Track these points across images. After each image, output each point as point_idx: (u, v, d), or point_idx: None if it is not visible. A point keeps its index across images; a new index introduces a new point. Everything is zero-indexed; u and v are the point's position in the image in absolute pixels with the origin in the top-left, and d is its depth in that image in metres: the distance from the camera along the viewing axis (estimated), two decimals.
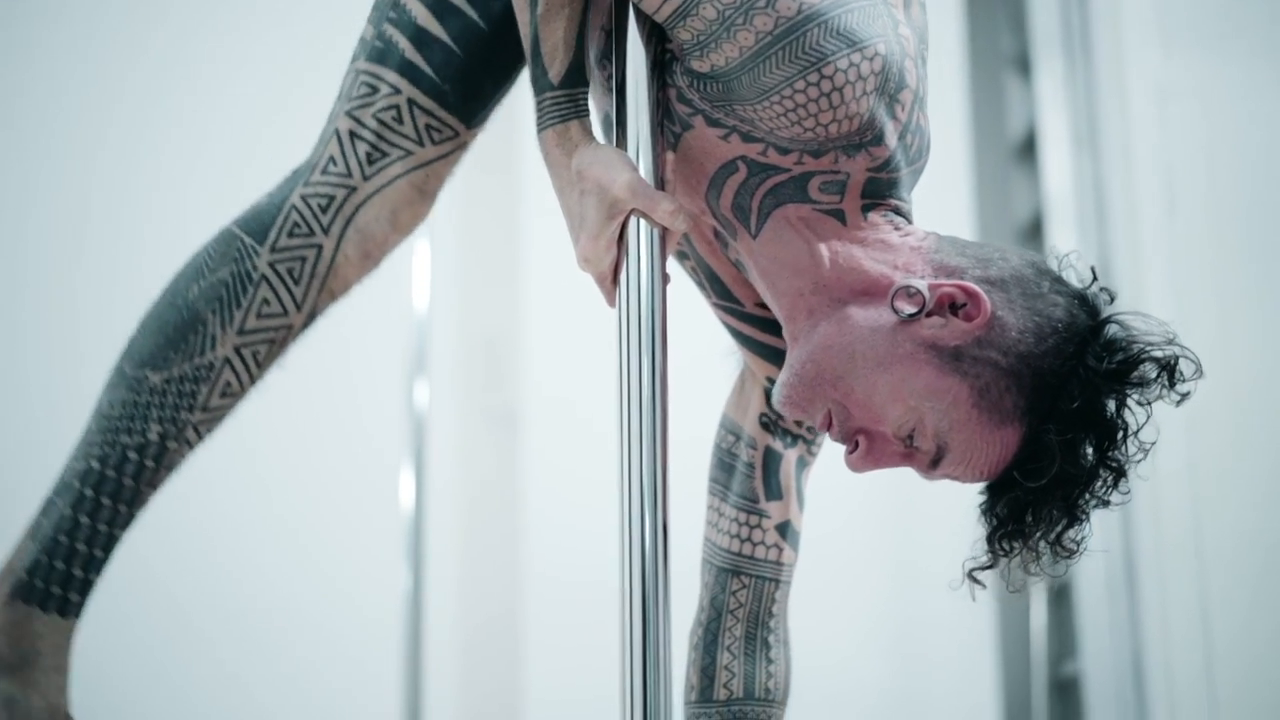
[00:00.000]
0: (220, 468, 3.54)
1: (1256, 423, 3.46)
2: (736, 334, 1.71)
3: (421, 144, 1.52)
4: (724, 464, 1.72)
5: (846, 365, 1.47)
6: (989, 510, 1.50)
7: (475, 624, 4.01)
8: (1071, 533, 1.50)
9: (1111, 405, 1.45)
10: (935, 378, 1.45)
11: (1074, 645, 3.91)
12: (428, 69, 1.53)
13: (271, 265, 1.48)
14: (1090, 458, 1.45)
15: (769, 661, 1.72)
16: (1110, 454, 1.45)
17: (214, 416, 1.47)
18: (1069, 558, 1.51)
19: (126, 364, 1.47)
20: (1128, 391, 1.46)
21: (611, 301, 1.46)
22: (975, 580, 1.52)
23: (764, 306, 1.67)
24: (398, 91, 1.53)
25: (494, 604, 4.03)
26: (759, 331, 1.68)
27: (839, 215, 1.48)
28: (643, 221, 1.42)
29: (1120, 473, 1.47)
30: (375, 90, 1.53)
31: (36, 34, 3.98)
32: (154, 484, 1.46)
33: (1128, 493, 1.49)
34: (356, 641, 3.90)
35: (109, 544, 1.45)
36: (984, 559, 1.51)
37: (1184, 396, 1.47)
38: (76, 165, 3.99)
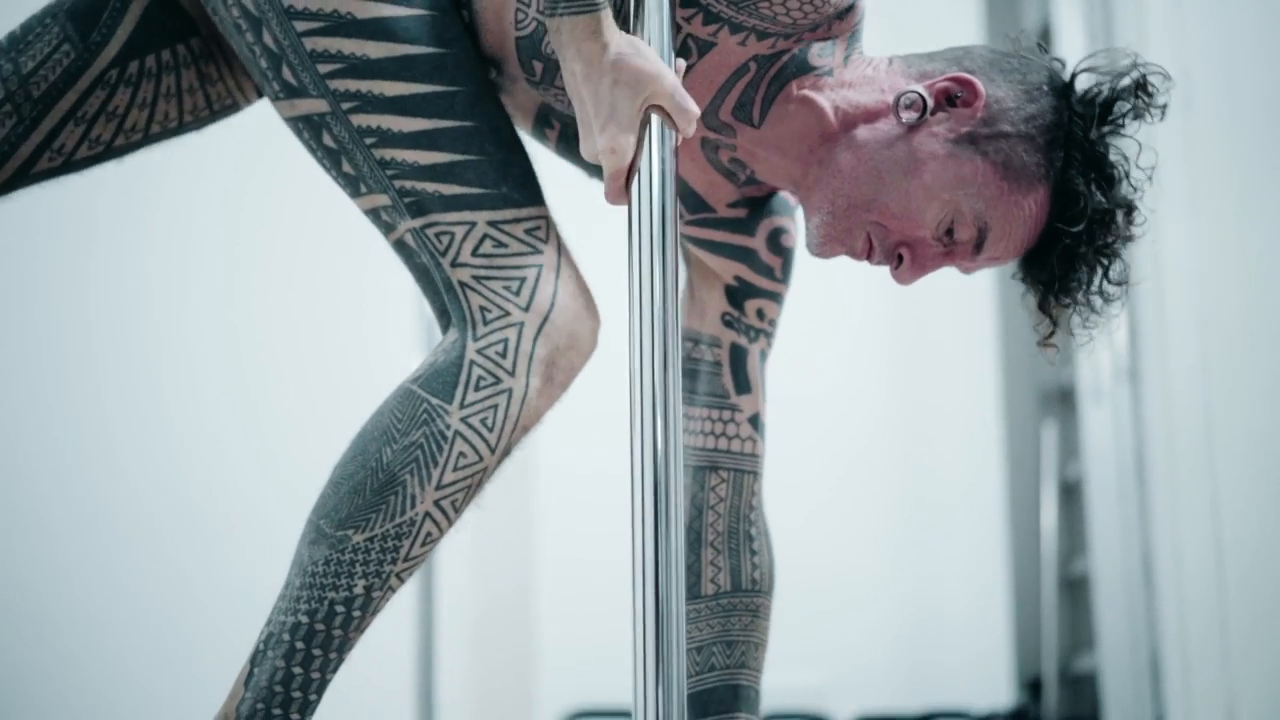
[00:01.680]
0: (230, 395, 3.58)
1: (1269, 319, 3.48)
2: (706, 244, 1.78)
3: (536, 250, 1.54)
4: (686, 371, 1.77)
5: (875, 185, 1.59)
6: (1035, 278, 1.66)
7: (488, 542, 4.06)
8: (1117, 270, 1.66)
9: (1112, 139, 1.62)
10: (960, 166, 1.58)
11: (1084, 544, 3.95)
12: (474, 189, 1.54)
13: (464, 420, 1.52)
14: (1111, 192, 1.61)
15: (753, 553, 1.78)
16: (1126, 181, 1.62)
17: (416, 562, 1.54)
18: (1121, 292, 1.68)
19: (325, 523, 1.51)
20: (1120, 120, 1.62)
21: (619, 198, 1.48)
22: (1050, 345, 1.70)
23: (735, 206, 1.75)
24: (473, 225, 1.54)
25: (506, 516, 4.07)
26: (730, 234, 1.78)
27: (831, 72, 1.62)
28: (654, 126, 1.45)
29: (1132, 206, 1.64)
30: (452, 236, 1.54)
31: None
32: (361, 629, 1.54)
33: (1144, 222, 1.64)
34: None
35: (321, 687, 1.53)
36: (1046, 326, 1.68)
37: (1164, 109, 1.63)
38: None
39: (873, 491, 4.05)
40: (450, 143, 1.54)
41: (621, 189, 1.48)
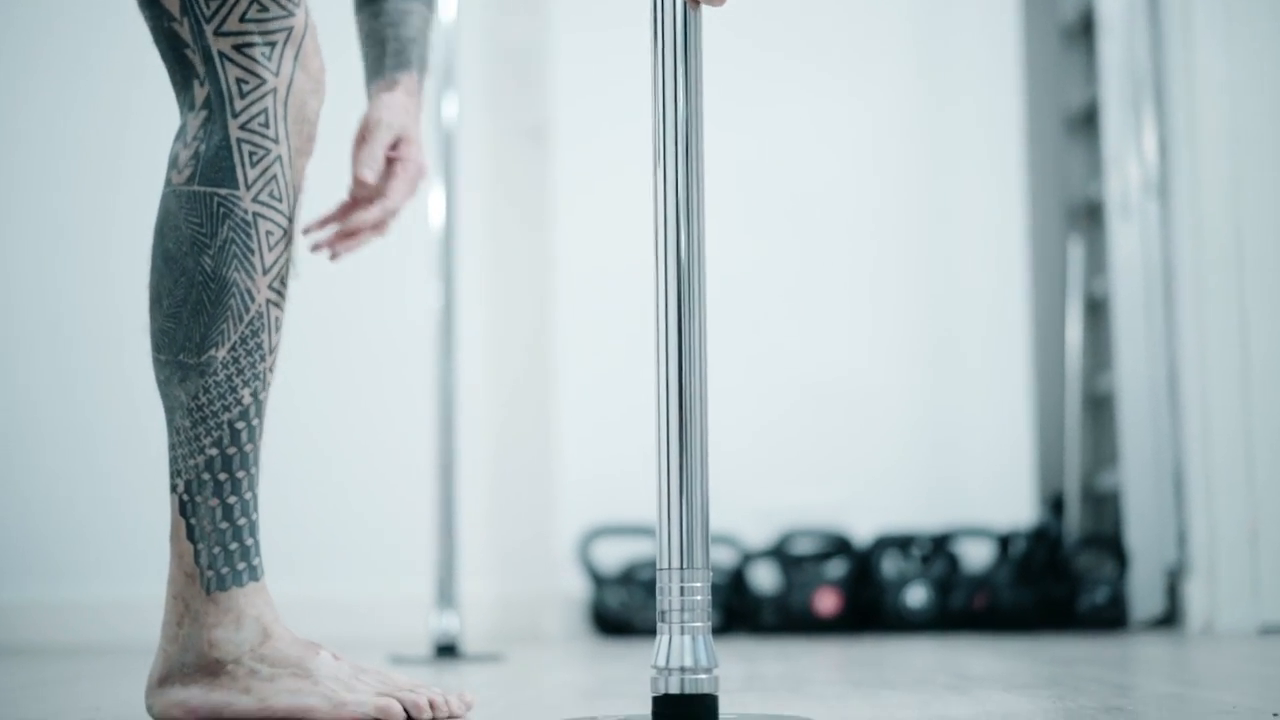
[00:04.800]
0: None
1: None
2: None
3: (290, 13, 1.60)
4: None
5: None
6: None
7: (507, 338, 4.10)
8: None
9: None
10: None
11: (1109, 360, 3.98)
12: None
13: (255, 199, 1.57)
14: None
15: None
16: None
17: (278, 348, 1.60)
18: None
19: (185, 355, 1.56)
20: None
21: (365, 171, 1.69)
22: None
23: None
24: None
25: (526, 319, 4.11)
26: None
27: None
28: None
29: None
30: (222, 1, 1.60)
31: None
32: (262, 432, 1.59)
33: None
34: (389, 358, 4.01)
35: (256, 503, 1.58)
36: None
37: None
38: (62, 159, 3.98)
39: (894, 307, 4.07)
40: None
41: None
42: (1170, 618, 3.73)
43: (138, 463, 3.83)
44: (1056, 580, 3.78)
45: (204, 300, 1.55)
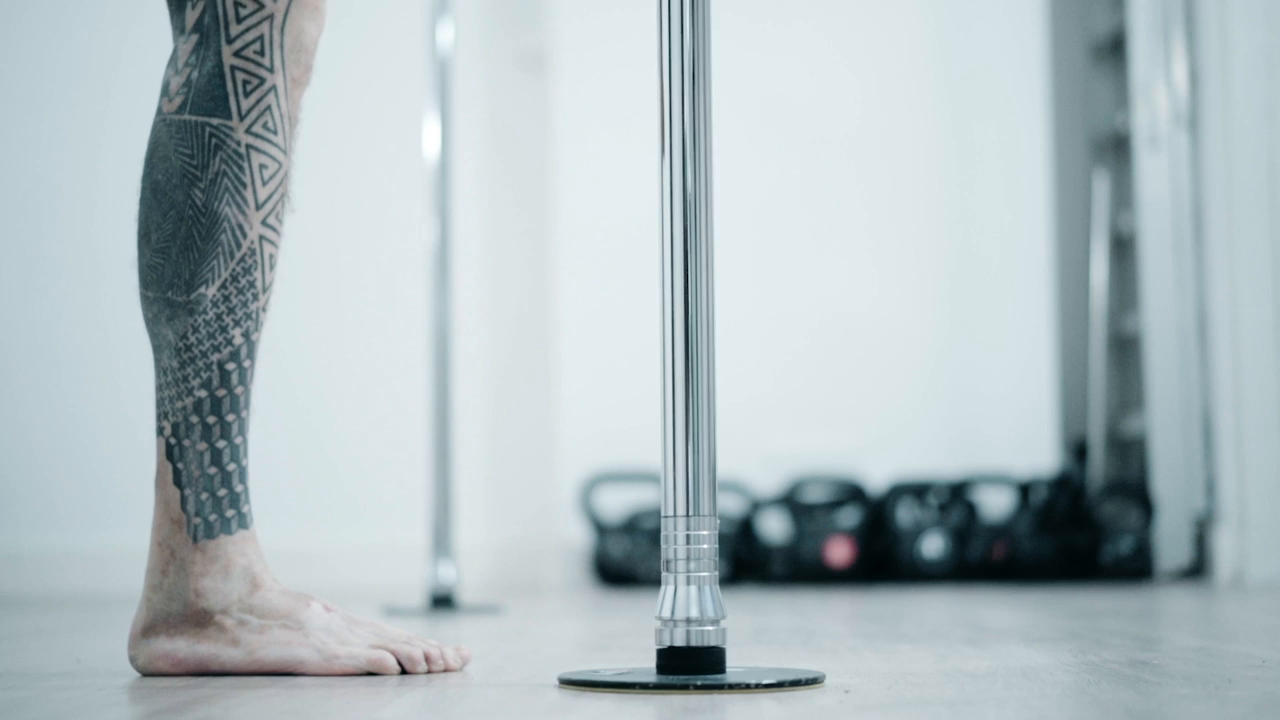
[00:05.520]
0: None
1: None
2: None
3: None
4: None
5: None
6: None
7: (504, 276, 4.10)
8: None
9: None
10: None
11: (1135, 300, 3.98)
12: None
13: (249, 131, 1.56)
14: None
15: None
16: None
17: (272, 287, 1.59)
18: None
19: (174, 293, 1.55)
20: None
21: None
22: None
23: None
24: None
25: (525, 256, 4.10)
26: None
27: None
28: None
29: None
30: None
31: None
32: (253, 376, 1.58)
33: None
34: (382, 297, 4.01)
35: (246, 448, 1.58)
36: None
37: None
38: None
39: (911, 242, 4.07)
40: None
41: None
42: (1198, 568, 3.74)
43: (118, 405, 3.84)
44: (1079, 529, 3.79)
45: (194, 235, 1.55)
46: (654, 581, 3.58)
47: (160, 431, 1.56)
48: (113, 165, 3.60)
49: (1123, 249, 4.14)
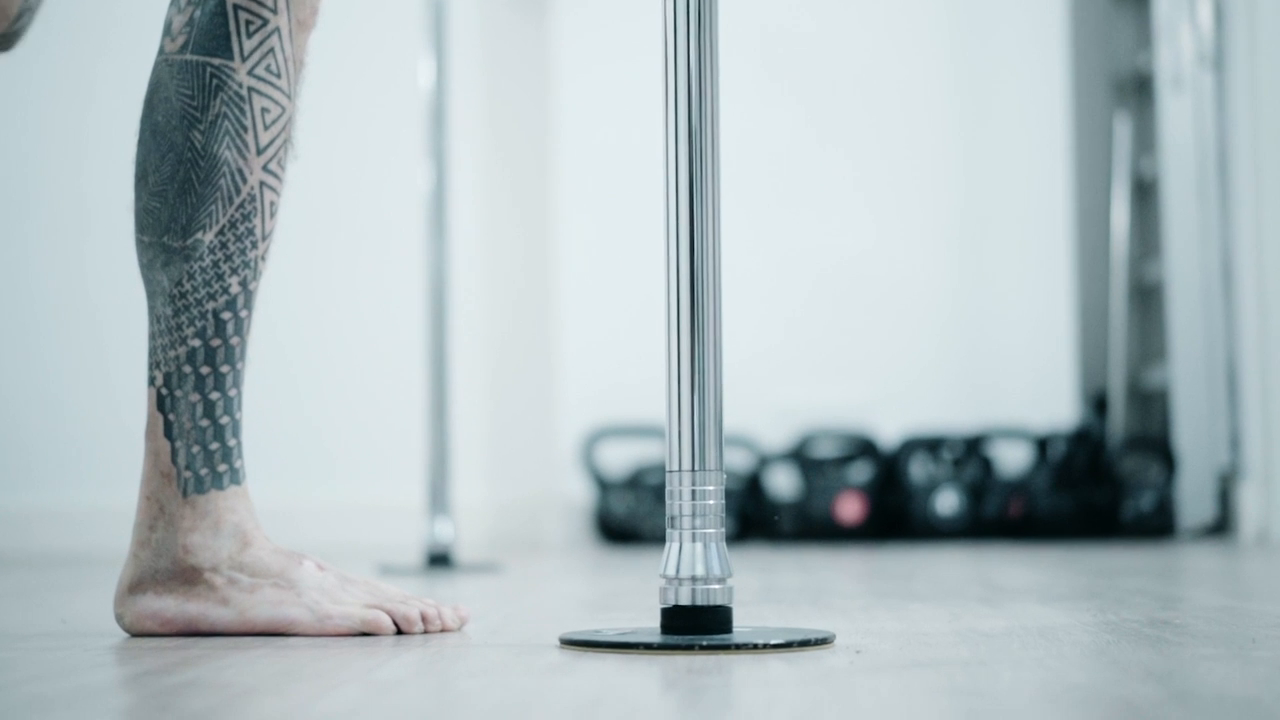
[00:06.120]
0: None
1: None
2: None
3: None
4: None
5: None
6: None
7: (503, 223, 4.10)
8: None
9: None
10: None
11: (1157, 247, 3.98)
12: None
13: (251, 73, 1.55)
14: None
15: None
16: None
17: (272, 235, 1.58)
18: None
19: (170, 239, 1.55)
20: None
21: None
22: None
23: None
24: None
25: (524, 202, 4.10)
26: None
27: None
28: None
29: None
30: None
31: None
32: (250, 327, 1.58)
33: None
34: (378, 245, 4.00)
35: (240, 401, 1.57)
36: None
37: None
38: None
39: (925, 188, 4.06)
40: None
41: None
42: (1221, 525, 3.74)
43: (105, 358, 3.84)
44: (1099, 485, 3.80)
45: (192, 178, 1.55)
46: (658, 539, 3.59)
47: (152, 381, 1.56)
48: (105, 112, 3.60)
49: (1144, 194, 4.13)
